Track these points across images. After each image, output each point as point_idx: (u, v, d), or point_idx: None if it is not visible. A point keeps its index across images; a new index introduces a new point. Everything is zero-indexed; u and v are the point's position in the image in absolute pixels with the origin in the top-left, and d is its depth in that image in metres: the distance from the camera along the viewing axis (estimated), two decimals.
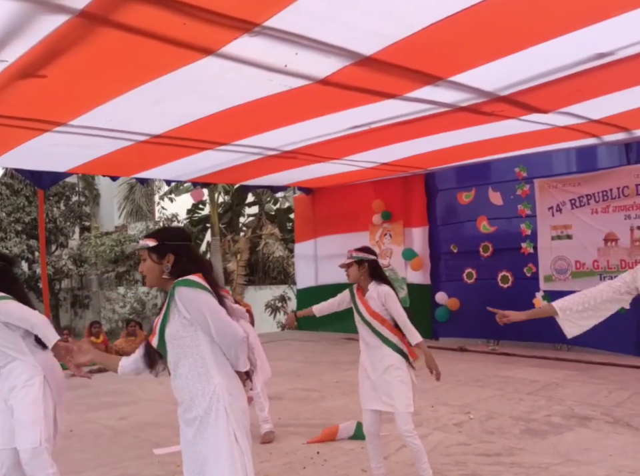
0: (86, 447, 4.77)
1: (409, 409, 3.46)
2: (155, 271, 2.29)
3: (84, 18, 3.08)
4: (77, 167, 7.37)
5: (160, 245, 2.30)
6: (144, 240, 2.34)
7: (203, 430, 2.20)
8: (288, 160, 7.56)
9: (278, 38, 3.53)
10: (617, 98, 5.21)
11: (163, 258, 2.29)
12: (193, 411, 2.22)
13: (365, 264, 3.61)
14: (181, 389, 2.27)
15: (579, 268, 7.96)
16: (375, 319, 3.54)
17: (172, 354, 2.27)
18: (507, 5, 3.30)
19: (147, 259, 2.30)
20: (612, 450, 4.20)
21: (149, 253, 2.30)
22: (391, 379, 3.48)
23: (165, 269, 2.28)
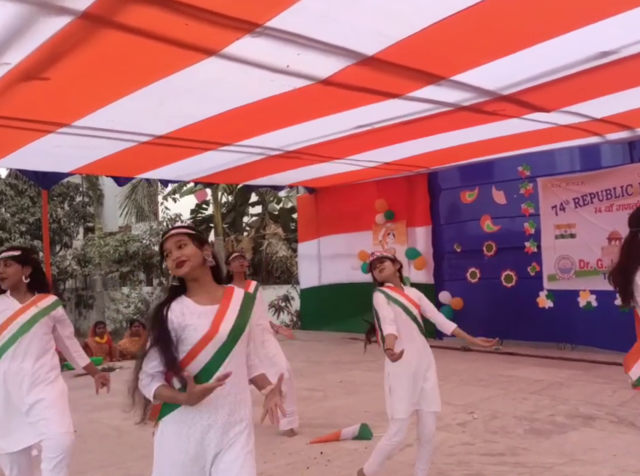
0: (90, 447, 4.78)
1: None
2: (198, 257, 2.23)
3: (86, 19, 3.09)
4: (80, 167, 7.40)
5: (197, 233, 2.32)
6: (178, 228, 2.32)
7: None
8: (291, 160, 7.57)
9: (280, 38, 3.53)
10: (621, 96, 5.20)
11: (202, 246, 2.27)
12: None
13: (397, 263, 3.64)
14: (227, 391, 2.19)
15: (583, 267, 7.94)
16: (419, 313, 3.57)
17: (238, 350, 2.23)
18: (508, 3, 3.30)
19: (189, 244, 2.23)
20: (616, 449, 4.19)
21: (192, 240, 2.25)
22: (433, 377, 3.54)
23: (207, 257, 2.26)
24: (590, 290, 7.84)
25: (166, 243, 2.25)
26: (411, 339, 3.51)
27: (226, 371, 2.12)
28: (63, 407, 3.16)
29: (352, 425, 4.81)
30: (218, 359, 2.16)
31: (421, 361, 3.50)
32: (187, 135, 5.78)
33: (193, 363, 2.14)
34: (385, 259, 3.59)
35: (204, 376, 2.14)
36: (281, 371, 4.80)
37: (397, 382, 3.45)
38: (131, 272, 16.05)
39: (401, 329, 3.48)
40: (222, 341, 2.17)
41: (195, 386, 2.06)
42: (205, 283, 2.26)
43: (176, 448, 2.15)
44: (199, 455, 2.16)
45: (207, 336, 2.15)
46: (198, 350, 2.15)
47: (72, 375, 7.10)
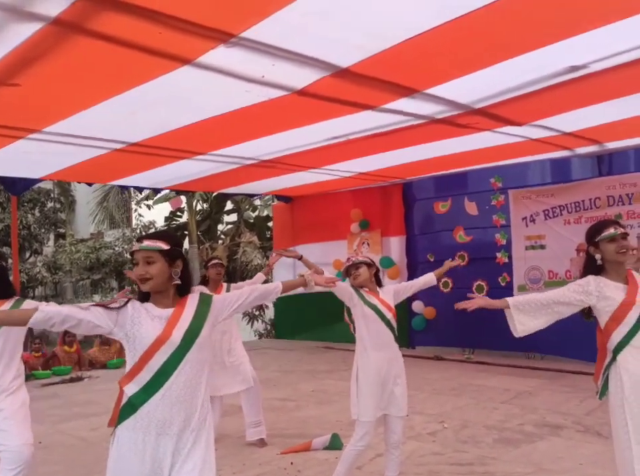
0: (56, 459, 4.68)
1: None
2: (165, 274, 2.23)
3: (57, 25, 3.06)
4: (51, 173, 7.29)
5: (172, 248, 2.26)
6: (153, 241, 2.25)
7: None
8: (267, 169, 7.57)
9: (255, 49, 3.54)
10: (589, 111, 5.33)
11: (173, 263, 2.25)
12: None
13: (374, 267, 3.69)
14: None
15: (552, 277, 8.08)
16: (394, 317, 3.62)
17: (194, 356, 2.24)
18: (481, 19, 3.36)
19: (158, 262, 2.21)
20: (582, 458, 4.26)
21: (162, 256, 2.22)
22: (403, 383, 3.56)
23: (175, 274, 2.25)
24: None
25: (136, 254, 2.25)
26: (384, 345, 3.56)
27: (180, 375, 2.19)
28: (23, 418, 3.10)
29: (324, 434, 4.81)
30: (172, 363, 2.19)
31: (391, 367, 3.54)
32: (161, 143, 5.74)
33: (148, 366, 2.18)
34: (360, 265, 3.63)
35: (159, 379, 2.17)
36: (246, 379, 4.79)
37: (365, 385, 3.48)
38: (102, 279, 15.82)
39: (374, 335, 3.55)
40: (175, 345, 2.20)
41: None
42: (167, 295, 2.29)
43: (132, 456, 2.14)
44: (155, 465, 2.15)
45: (160, 339, 2.19)
46: (152, 353, 2.18)
47: (39, 384, 6.95)
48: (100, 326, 2.18)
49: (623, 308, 2.73)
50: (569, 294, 2.84)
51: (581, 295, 2.81)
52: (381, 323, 3.56)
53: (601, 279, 2.82)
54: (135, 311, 2.23)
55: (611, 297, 2.77)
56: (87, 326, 2.16)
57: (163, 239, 2.27)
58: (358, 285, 3.62)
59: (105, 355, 9.14)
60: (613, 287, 2.78)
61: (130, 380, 2.20)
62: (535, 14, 3.38)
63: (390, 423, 3.54)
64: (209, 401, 2.32)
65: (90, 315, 2.16)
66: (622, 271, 2.82)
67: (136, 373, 2.19)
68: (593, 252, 2.85)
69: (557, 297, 2.86)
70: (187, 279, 2.32)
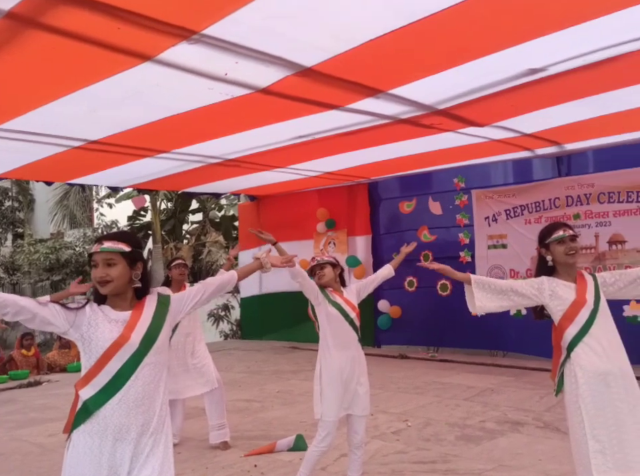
0: (12, 467, 4.54)
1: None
2: (125, 277, 2.18)
3: (11, 19, 2.96)
4: (8, 171, 7.07)
5: (133, 250, 2.21)
6: (114, 242, 2.19)
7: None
8: (232, 168, 7.50)
9: (217, 46, 3.50)
10: (549, 113, 5.44)
11: (134, 265, 2.21)
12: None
13: (339, 267, 3.73)
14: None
15: (514, 276, 8.23)
16: (357, 317, 3.65)
17: (152, 359, 2.19)
18: (441, 23, 3.39)
19: (119, 264, 2.16)
20: (541, 454, 4.34)
21: (123, 258, 2.18)
22: (366, 382, 3.58)
23: (135, 277, 2.21)
24: None
25: (95, 255, 2.18)
26: (347, 345, 3.57)
27: (138, 379, 2.14)
28: None
29: (288, 436, 4.79)
30: (131, 366, 2.14)
31: (355, 367, 3.55)
32: (123, 141, 5.62)
33: (105, 369, 2.13)
34: (325, 265, 3.64)
35: (117, 382, 2.12)
36: (210, 381, 4.72)
37: (328, 385, 3.49)
38: (62, 280, 15.43)
39: (338, 334, 3.56)
40: (133, 349, 2.16)
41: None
42: (125, 298, 2.24)
43: (88, 462, 2.09)
44: (112, 471, 2.10)
45: (117, 342, 2.14)
46: (109, 356, 2.13)
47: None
48: (54, 324, 2.13)
49: (574, 307, 2.82)
50: (526, 287, 2.92)
51: (535, 290, 2.90)
52: (345, 322, 3.58)
53: (553, 279, 2.91)
54: (92, 313, 2.17)
55: (563, 297, 2.85)
56: (41, 321, 2.11)
57: (124, 241, 2.22)
58: (323, 285, 3.63)
59: (64, 358, 8.92)
60: (564, 287, 2.87)
61: (86, 383, 2.14)
62: (494, 18, 3.43)
63: (353, 423, 3.54)
64: (167, 404, 2.28)
65: (46, 311, 2.11)
66: (572, 272, 2.92)
67: (92, 376, 2.13)
68: (544, 253, 2.94)
69: (515, 286, 2.95)
70: (146, 281, 2.28)
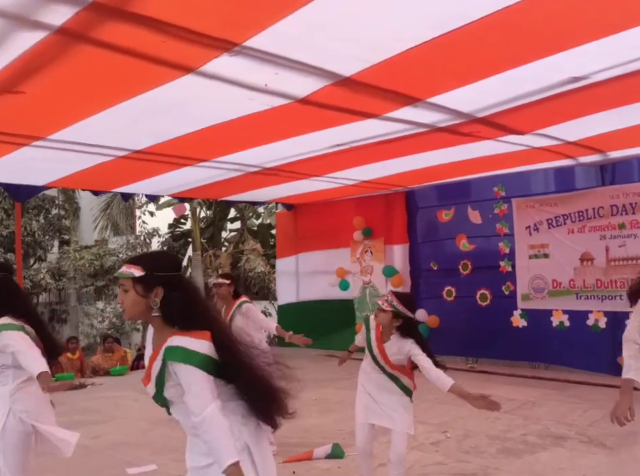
0: (58, 467, 4.66)
1: (410, 431, 3.52)
2: (139, 305, 1.96)
3: (62, 34, 3.08)
4: (55, 180, 7.32)
5: (147, 274, 1.96)
6: (128, 266, 1.98)
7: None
8: (269, 176, 7.58)
9: (258, 58, 3.56)
10: (592, 121, 5.33)
11: (150, 291, 1.96)
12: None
13: (401, 319, 3.48)
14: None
15: (556, 287, 8.05)
16: (394, 370, 3.54)
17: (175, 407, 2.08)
18: (482, 30, 3.37)
19: (130, 290, 1.96)
20: (585, 469, 4.23)
21: (134, 284, 1.96)
22: (396, 399, 3.55)
23: (154, 305, 1.96)
24: (563, 310, 7.95)
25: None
26: (368, 373, 3.70)
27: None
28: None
29: (325, 444, 4.79)
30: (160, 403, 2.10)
31: (380, 389, 3.66)
32: (164, 150, 5.76)
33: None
34: (386, 311, 3.49)
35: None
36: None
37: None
38: (106, 286, 15.83)
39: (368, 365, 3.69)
40: (152, 394, 2.06)
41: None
42: (156, 326, 2.05)
43: None
44: None
45: (144, 381, 2.09)
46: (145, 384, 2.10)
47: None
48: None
49: None
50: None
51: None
52: (373, 364, 3.60)
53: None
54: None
55: None
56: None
57: (137, 263, 1.99)
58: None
59: (107, 362, 9.14)
60: None
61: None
62: (534, 26, 3.39)
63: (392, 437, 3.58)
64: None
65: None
66: None
67: None
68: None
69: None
70: (173, 310, 1.96)
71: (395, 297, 3.47)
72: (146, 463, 4.54)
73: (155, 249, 15.60)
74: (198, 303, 2.04)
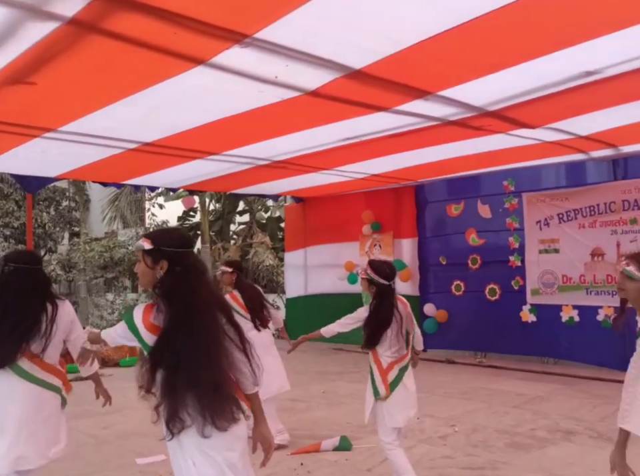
0: (68, 457, 4.68)
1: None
2: (147, 275, 2.18)
3: (74, 25, 3.08)
4: (66, 172, 7.35)
5: (155, 248, 2.17)
6: (142, 239, 2.21)
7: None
8: (279, 170, 7.58)
9: (268, 50, 3.55)
10: (604, 115, 5.27)
11: (156, 263, 2.15)
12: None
13: (374, 287, 3.68)
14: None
15: (566, 282, 8.01)
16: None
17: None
18: (494, 23, 3.34)
19: (141, 261, 2.18)
20: (595, 465, 4.21)
21: (143, 255, 2.18)
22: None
23: (158, 276, 2.15)
24: (572, 305, 7.92)
25: None
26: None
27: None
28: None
29: (333, 436, 4.81)
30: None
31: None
32: (175, 143, 5.76)
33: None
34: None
35: None
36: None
37: None
38: (115, 278, 15.91)
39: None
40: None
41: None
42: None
43: None
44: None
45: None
46: None
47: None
48: None
49: None
50: None
51: None
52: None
53: None
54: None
55: None
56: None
57: (149, 238, 2.21)
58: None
59: (117, 353, 9.20)
60: None
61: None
62: (547, 19, 3.35)
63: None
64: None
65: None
66: None
67: None
68: None
69: None
70: (169, 286, 2.11)
71: (369, 266, 3.70)
72: (155, 453, 4.57)
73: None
74: (195, 281, 2.14)
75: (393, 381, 3.53)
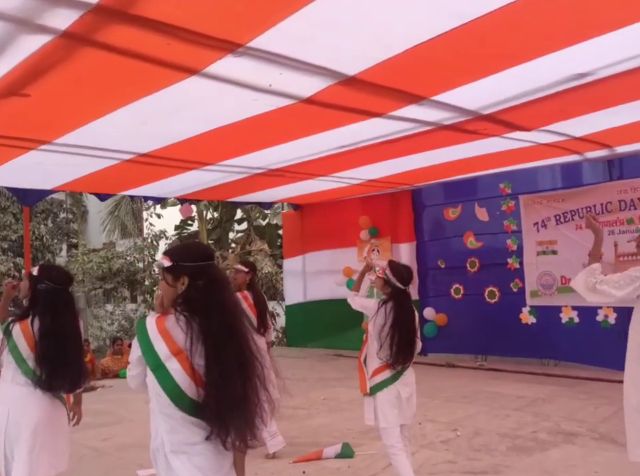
0: (68, 469, 4.67)
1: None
2: (169, 293, 2.08)
3: (67, 38, 3.09)
4: (63, 184, 7.35)
5: (174, 265, 2.08)
6: (162, 257, 2.14)
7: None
8: (275, 177, 7.59)
9: (262, 58, 3.56)
10: (599, 116, 5.29)
11: (177, 280, 2.06)
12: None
13: (389, 288, 3.73)
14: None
15: (565, 283, 8.00)
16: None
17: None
18: (487, 26, 3.36)
19: (163, 280, 2.11)
20: (597, 466, 4.20)
21: (164, 273, 2.10)
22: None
23: (180, 292, 2.06)
24: (572, 306, 7.92)
25: None
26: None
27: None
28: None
29: (335, 443, 4.79)
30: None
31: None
32: (170, 153, 5.77)
33: None
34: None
35: None
36: None
37: None
38: (114, 289, 15.89)
39: None
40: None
41: None
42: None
43: None
44: None
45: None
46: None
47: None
48: None
49: None
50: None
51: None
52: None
53: None
54: None
55: None
56: None
57: (168, 255, 2.14)
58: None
59: (117, 364, 9.18)
60: None
61: None
62: (539, 22, 3.37)
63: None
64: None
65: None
66: None
67: None
68: None
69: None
70: (190, 298, 2.03)
71: (389, 266, 3.71)
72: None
73: (162, 250, 15.64)
74: (217, 294, 2.06)
75: (381, 382, 3.57)
